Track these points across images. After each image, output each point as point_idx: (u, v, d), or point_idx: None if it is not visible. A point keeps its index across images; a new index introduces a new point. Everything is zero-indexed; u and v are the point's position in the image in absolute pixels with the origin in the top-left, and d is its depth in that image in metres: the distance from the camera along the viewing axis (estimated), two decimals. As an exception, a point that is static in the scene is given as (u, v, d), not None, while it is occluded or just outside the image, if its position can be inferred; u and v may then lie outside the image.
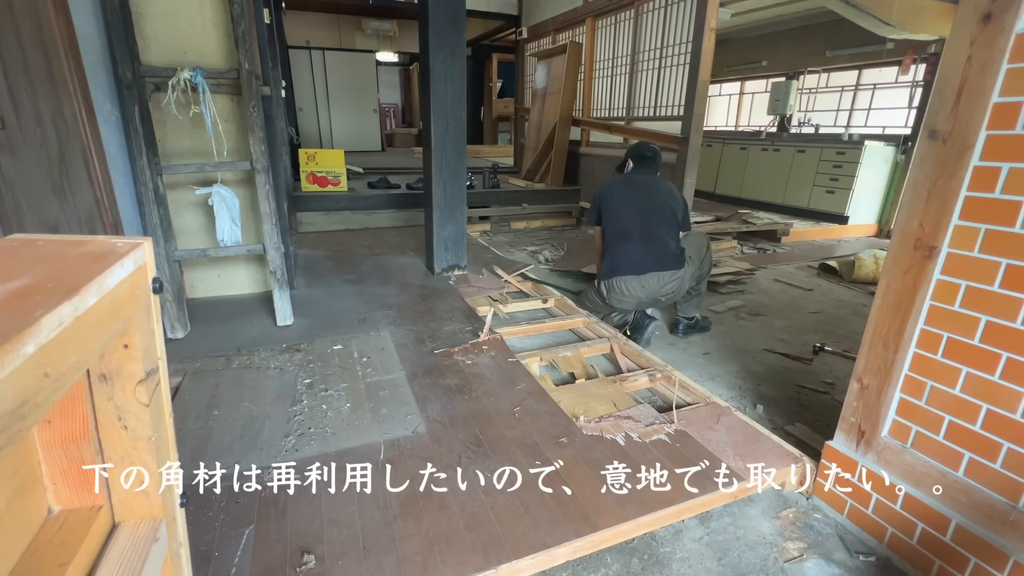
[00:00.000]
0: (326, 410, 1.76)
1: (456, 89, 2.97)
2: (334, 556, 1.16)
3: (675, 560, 1.29)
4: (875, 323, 1.31)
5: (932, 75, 4.57)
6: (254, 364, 2.07)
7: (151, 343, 0.58)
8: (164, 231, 2.26)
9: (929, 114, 1.16)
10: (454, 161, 3.11)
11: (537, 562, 1.19)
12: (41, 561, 0.49)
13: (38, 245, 0.52)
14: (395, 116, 12.98)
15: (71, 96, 1.79)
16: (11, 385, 0.32)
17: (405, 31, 10.14)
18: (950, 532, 1.18)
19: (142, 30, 2.23)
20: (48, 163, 1.82)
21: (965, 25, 1.07)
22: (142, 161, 2.14)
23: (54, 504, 0.56)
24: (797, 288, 3.45)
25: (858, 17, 4.44)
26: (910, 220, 1.21)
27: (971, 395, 1.15)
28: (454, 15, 2.84)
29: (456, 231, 3.28)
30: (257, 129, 2.28)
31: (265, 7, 3.00)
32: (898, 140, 5.04)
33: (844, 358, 2.38)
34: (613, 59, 5.43)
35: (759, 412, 1.93)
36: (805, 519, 1.44)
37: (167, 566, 0.62)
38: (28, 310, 0.36)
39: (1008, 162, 1.05)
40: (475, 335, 2.33)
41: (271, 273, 2.41)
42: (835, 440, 1.45)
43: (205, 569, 1.13)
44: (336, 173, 4.73)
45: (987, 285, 1.10)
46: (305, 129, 8.97)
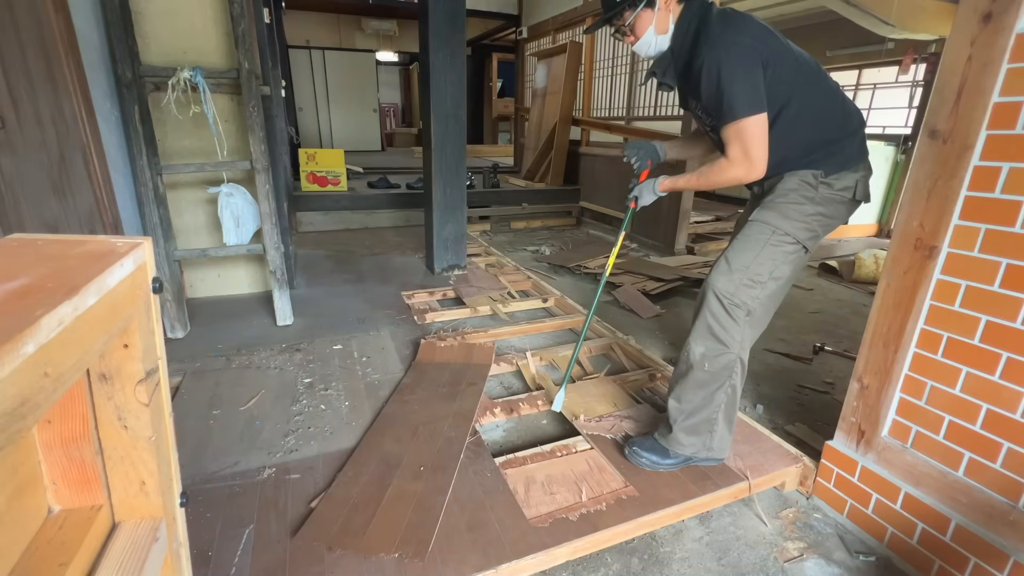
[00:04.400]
0: (325, 410, 1.76)
1: (456, 89, 2.97)
2: (334, 556, 1.16)
3: (675, 560, 1.29)
4: (875, 323, 1.31)
5: (932, 75, 4.57)
6: (254, 364, 2.07)
7: (151, 343, 0.58)
8: (164, 231, 2.26)
9: (929, 114, 1.16)
10: (454, 161, 3.11)
11: (537, 562, 1.19)
12: (41, 561, 0.49)
13: (38, 245, 0.52)
14: (395, 116, 12.98)
15: (71, 96, 1.79)
16: (11, 385, 0.32)
17: (405, 31, 10.14)
18: (950, 532, 1.18)
19: (142, 30, 2.23)
20: (48, 163, 1.82)
21: (965, 25, 1.07)
22: (142, 161, 2.14)
23: (54, 504, 0.56)
24: (797, 288, 3.45)
25: (858, 17, 4.44)
26: (910, 220, 1.21)
27: (971, 395, 1.15)
28: (454, 15, 2.84)
29: (456, 231, 3.28)
30: (257, 129, 2.28)
31: (265, 7, 3.00)
32: (898, 140, 5.03)
33: (844, 358, 2.38)
34: (613, 59, 5.43)
35: (759, 412, 1.93)
36: (805, 519, 1.44)
37: (167, 566, 0.62)
38: (28, 310, 0.36)
39: (1008, 162, 1.05)
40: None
41: (271, 273, 2.41)
42: (835, 440, 1.44)
43: (205, 569, 1.13)
44: (336, 173, 4.73)
45: (987, 285, 1.10)
46: (305, 129, 8.97)
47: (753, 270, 1.34)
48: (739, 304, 1.34)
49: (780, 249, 1.34)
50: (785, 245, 1.34)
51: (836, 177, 1.32)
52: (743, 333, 1.36)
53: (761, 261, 1.33)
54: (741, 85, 1.22)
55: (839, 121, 1.34)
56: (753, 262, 1.34)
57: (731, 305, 1.34)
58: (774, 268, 1.35)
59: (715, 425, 1.40)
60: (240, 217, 2.41)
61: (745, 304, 1.34)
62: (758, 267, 1.34)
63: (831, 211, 1.34)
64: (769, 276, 1.35)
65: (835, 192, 1.33)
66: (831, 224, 1.37)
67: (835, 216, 1.36)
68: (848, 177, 1.32)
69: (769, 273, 1.35)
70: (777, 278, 1.36)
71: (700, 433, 1.41)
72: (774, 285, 1.37)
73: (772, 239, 1.33)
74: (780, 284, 1.39)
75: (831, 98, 1.35)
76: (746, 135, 1.25)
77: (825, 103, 1.34)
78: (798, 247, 1.35)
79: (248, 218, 2.43)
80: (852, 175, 1.32)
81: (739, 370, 1.39)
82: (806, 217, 1.33)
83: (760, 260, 1.34)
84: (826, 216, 1.34)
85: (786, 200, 1.34)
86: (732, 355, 1.36)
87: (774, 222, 1.34)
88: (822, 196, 1.32)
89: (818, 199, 1.32)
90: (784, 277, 1.38)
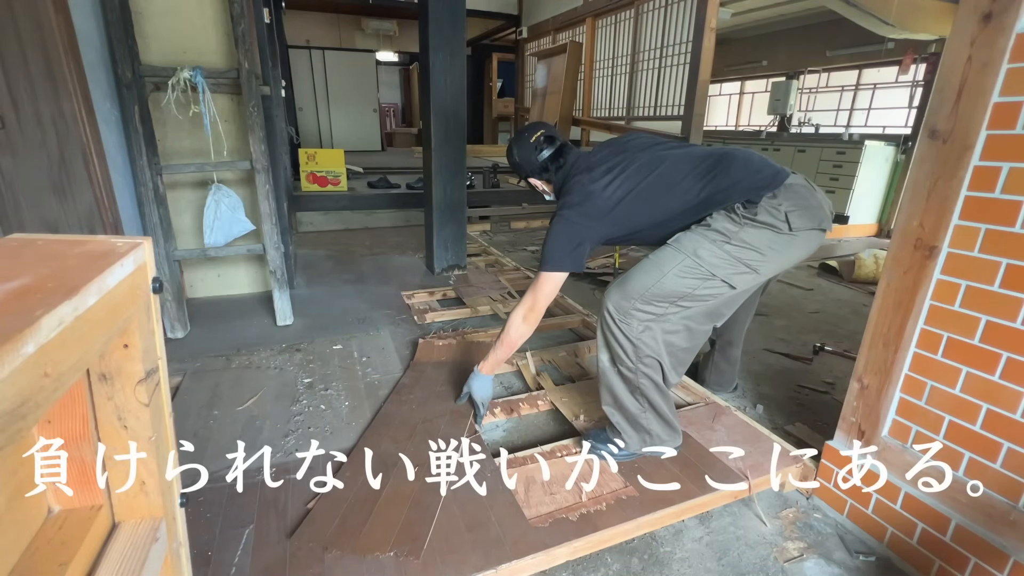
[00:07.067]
0: (325, 410, 1.76)
1: (456, 89, 2.97)
2: (334, 556, 1.16)
3: (675, 560, 1.29)
4: (875, 323, 1.31)
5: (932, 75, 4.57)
6: (254, 364, 2.07)
7: (151, 343, 0.58)
8: (164, 231, 2.26)
9: (929, 114, 1.16)
10: (454, 161, 3.10)
11: (537, 562, 1.19)
12: (41, 561, 0.49)
13: (38, 245, 0.52)
14: (395, 116, 12.97)
15: (71, 96, 1.79)
16: (11, 385, 0.32)
17: (405, 31, 10.14)
18: (950, 532, 1.18)
19: (142, 30, 2.23)
20: (48, 163, 1.82)
21: (965, 25, 1.07)
22: (142, 161, 2.14)
23: (54, 504, 0.56)
24: (797, 288, 3.45)
25: (858, 17, 4.45)
26: (910, 220, 1.21)
27: (971, 395, 1.15)
28: (454, 15, 2.84)
29: (456, 231, 3.28)
30: (257, 129, 2.28)
31: (265, 7, 3.00)
32: (898, 140, 5.03)
33: (844, 358, 2.38)
34: (613, 59, 5.43)
35: (759, 412, 1.93)
36: (805, 519, 1.44)
37: (167, 566, 0.62)
38: (28, 310, 0.36)
39: (1008, 162, 1.05)
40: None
41: (271, 273, 2.41)
42: (835, 440, 1.44)
43: (205, 569, 1.13)
44: (336, 173, 4.72)
45: (987, 285, 1.10)
46: (305, 129, 8.96)
47: (653, 293, 1.35)
48: (629, 323, 1.37)
49: (686, 280, 1.35)
50: (694, 274, 1.34)
51: (755, 212, 1.34)
52: (637, 350, 1.37)
53: (662, 287, 1.35)
54: (558, 247, 1.43)
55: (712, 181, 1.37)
56: (653, 286, 1.35)
57: (622, 322, 1.37)
58: (680, 297, 1.36)
59: (649, 424, 1.46)
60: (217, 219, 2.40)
61: (642, 322, 1.36)
62: (659, 291, 1.35)
63: (765, 245, 1.34)
64: (675, 302, 1.36)
65: (760, 226, 1.34)
66: (767, 260, 1.36)
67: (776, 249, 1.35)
68: (765, 210, 1.34)
69: (675, 299, 1.36)
70: (688, 305, 1.37)
71: (638, 430, 1.47)
72: (688, 308, 1.38)
73: (680, 267, 1.35)
74: (703, 308, 1.40)
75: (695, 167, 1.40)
76: (543, 284, 1.46)
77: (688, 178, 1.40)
78: (714, 280, 1.35)
79: (225, 221, 2.41)
80: (775, 207, 1.34)
81: (648, 383, 1.41)
82: (725, 252, 1.34)
83: (661, 286, 1.35)
84: (756, 250, 1.34)
85: (706, 229, 1.37)
86: (632, 367, 1.39)
87: (687, 248, 1.36)
88: (748, 233, 1.34)
89: (743, 235, 1.34)
90: (705, 302, 1.38)
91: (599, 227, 1.44)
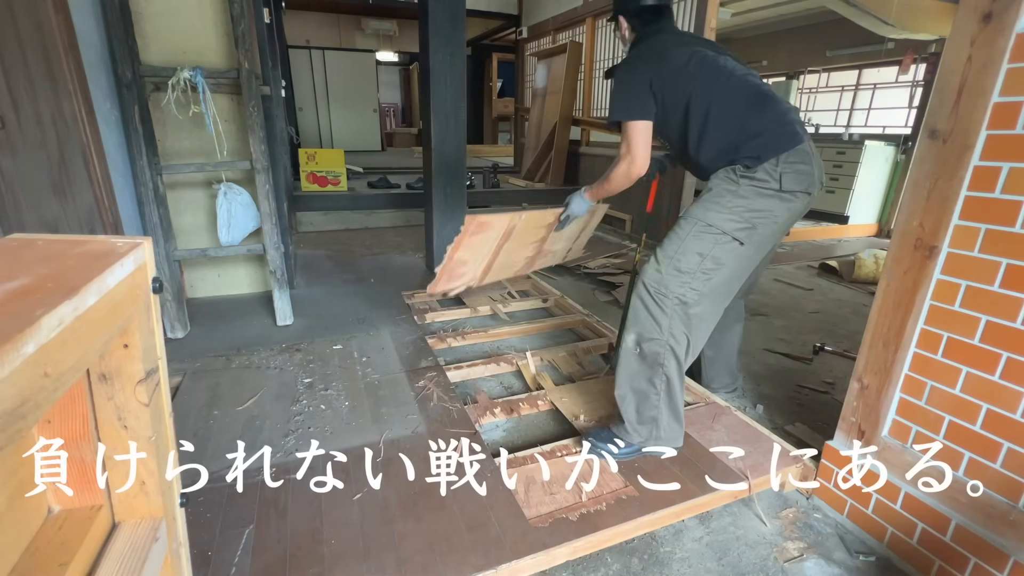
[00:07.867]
0: (325, 410, 1.76)
1: (456, 89, 2.97)
2: (334, 556, 1.16)
3: (675, 560, 1.29)
4: (875, 323, 1.31)
5: (932, 75, 4.57)
6: (254, 364, 2.07)
7: (151, 343, 0.58)
8: (164, 231, 2.26)
9: (929, 114, 1.16)
10: (454, 161, 3.10)
11: (537, 562, 1.19)
12: (41, 561, 0.49)
13: (38, 245, 0.52)
14: (395, 116, 12.98)
15: (71, 96, 1.79)
16: (11, 385, 0.32)
17: (405, 31, 10.14)
18: (950, 532, 1.18)
19: (142, 30, 2.23)
20: (48, 163, 1.82)
21: (965, 25, 1.07)
22: (142, 161, 2.14)
23: (54, 504, 0.56)
24: (797, 288, 3.45)
25: (858, 17, 4.45)
26: (910, 220, 1.21)
27: (971, 395, 1.15)
28: (454, 15, 2.83)
29: (456, 231, 3.27)
30: (257, 129, 2.28)
31: (265, 7, 3.00)
32: (898, 140, 5.04)
33: (844, 358, 2.38)
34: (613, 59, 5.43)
35: (759, 412, 1.93)
36: (805, 519, 1.44)
37: (167, 566, 0.62)
38: (28, 310, 0.36)
39: (1008, 162, 1.05)
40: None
41: (271, 273, 2.41)
42: (835, 440, 1.44)
43: (205, 569, 1.13)
44: (336, 173, 4.73)
45: (987, 285, 1.10)
46: (305, 129, 8.96)
47: (679, 259, 1.42)
48: (666, 293, 1.42)
49: (703, 239, 1.42)
50: (708, 235, 1.42)
51: (754, 171, 1.40)
52: (671, 323, 1.43)
53: (685, 251, 1.42)
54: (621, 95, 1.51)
55: (745, 121, 1.43)
56: (678, 252, 1.43)
57: (657, 294, 1.43)
58: (702, 259, 1.42)
59: (659, 414, 1.47)
60: (232, 217, 2.41)
61: (674, 293, 1.42)
62: (684, 257, 1.42)
63: (760, 204, 1.41)
64: (699, 267, 1.42)
65: (756, 184, 1.40)
66: (764, 216, 1.42)
67: (766, 209, 1.41)
68: (764, 170, 1.38)
69: (698, 264, 1.42)
70: (709, 269, 1.42)
71: (646, 423, 1.48)
72: (708, 276, 1.43)
73: (694, 230, 1.42)
74: (721, 277, 1.44)
75: (741, 100, 1.45)
76: (629, 134, 1.51)
77: (732, 107, 1.44)
78: (725, 236, 1.41)
79: (239, 219, 2.43)
80: (773, 167, 1.38)
81: (672, 362, 1.45)
82: (728, 208, 1.41)
83: (684, 250, 1.42)
84: (754, 209, 1.41)
85: (709, 195, 1.45)
86: (662, 341, 1.43)
87: (697, 215, 1.44)
88: (745, 189, 1.40)
89: (741, 192, 1.41)
90: (720, 269, 1.43)
91: (658, 76, 1.48)
